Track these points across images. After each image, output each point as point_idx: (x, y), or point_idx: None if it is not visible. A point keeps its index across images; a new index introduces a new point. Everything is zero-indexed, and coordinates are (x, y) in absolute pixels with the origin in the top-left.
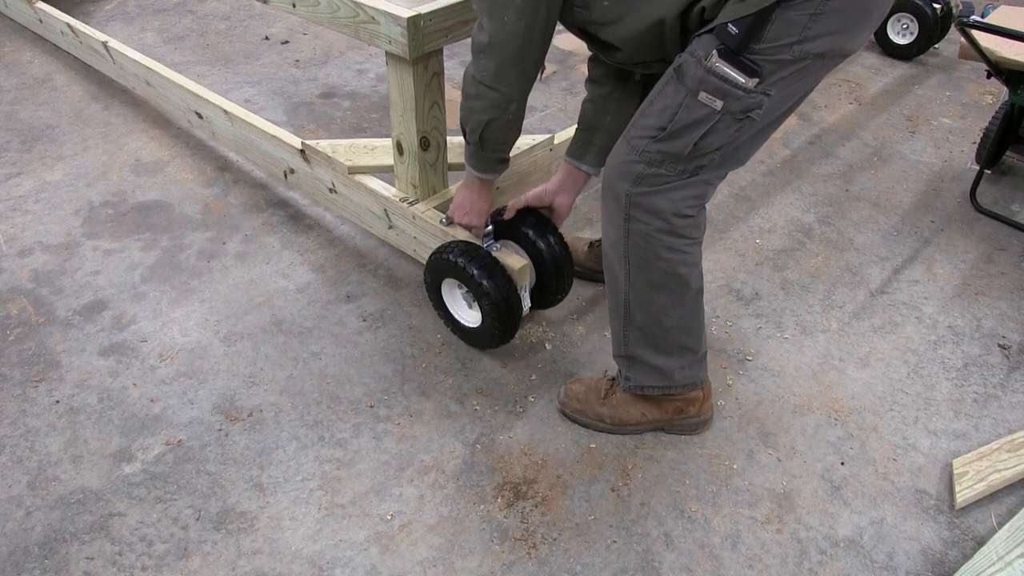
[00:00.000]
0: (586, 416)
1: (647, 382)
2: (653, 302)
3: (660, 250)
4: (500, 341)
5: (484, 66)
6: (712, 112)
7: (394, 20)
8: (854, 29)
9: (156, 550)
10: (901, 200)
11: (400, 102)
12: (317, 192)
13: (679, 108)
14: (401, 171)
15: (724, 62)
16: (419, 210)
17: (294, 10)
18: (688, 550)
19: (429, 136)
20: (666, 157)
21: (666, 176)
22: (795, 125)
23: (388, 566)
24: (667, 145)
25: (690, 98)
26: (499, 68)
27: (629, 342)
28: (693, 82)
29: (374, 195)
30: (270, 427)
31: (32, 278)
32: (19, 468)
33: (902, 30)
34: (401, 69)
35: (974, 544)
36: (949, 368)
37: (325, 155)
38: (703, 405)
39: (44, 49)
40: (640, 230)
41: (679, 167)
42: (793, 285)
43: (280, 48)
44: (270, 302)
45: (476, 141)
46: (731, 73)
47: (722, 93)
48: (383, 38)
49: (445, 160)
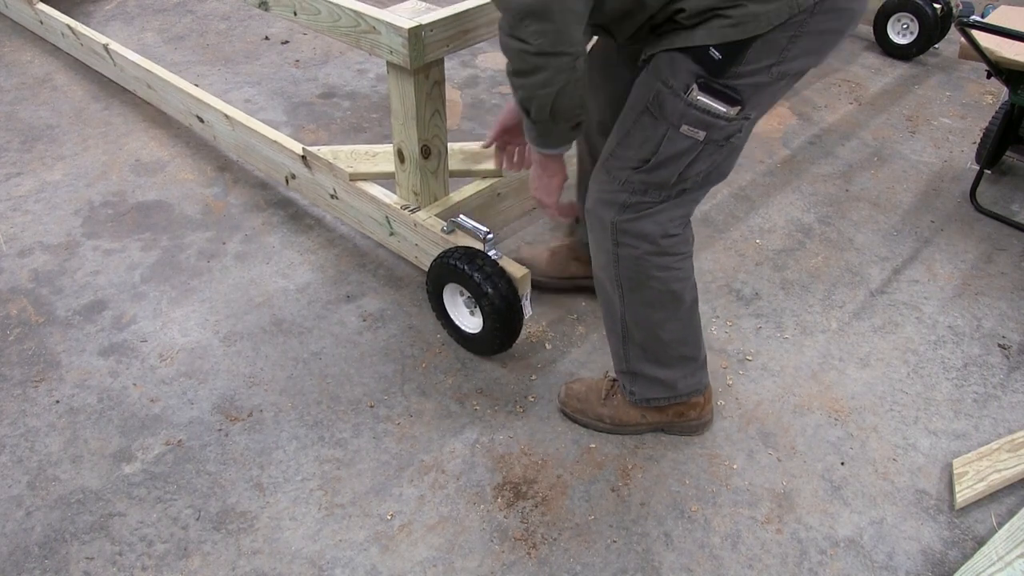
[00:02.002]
0: (586, 416)
1: (652, 395)
2: (650, 319)
3: (652, 270)
4: (501, 347)
5: (537, 32)
6: (695, 143)
7: (395, 31)
8: (826, 50)
9: (156, 550)
10: (901, 200)
11: (401, 111)
12: (318, 197)
13: (662, 140)
14: (402, 178)
15: (704, 94)
16: (420, 217)
17: (295, 18)
18: (688, 550)
19: (430, 144)
20: (650, 186)
21: (651, 202)
22: (795, 125)
23: (388, 566)
24: (651, 176)
25: (672, 131)
26: (559, 28)
27: (630, 359)
28: (674, 116)
29: (375, 202)
30: (270, 427)
31: (32, 278)
32: (19, 468)
33: (902, 30)
34: (402, 79)
35: (974, 544)
36: (949, 368)
37: (326, 161)
38: (704, 408)
39: (44, 49)
40: (629, 254)
41: (663, 193)
42: (793, 285)
43: (280, 48)
44: (270, 302)
45: (547, 118)
46: (713, 105)
47: (704, 124)
48: (384, 48)
49: (446, 167)
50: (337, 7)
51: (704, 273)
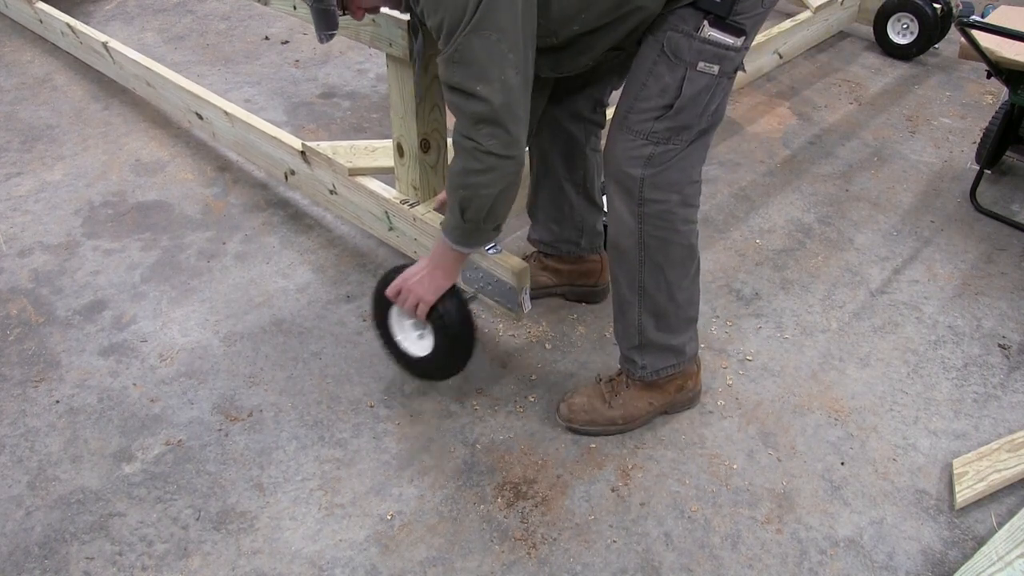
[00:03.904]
0: (597, 424)
1: (663, 364)
2: (668, 280)
3: (678, 224)
4: (452, 370)
5: (492, 135)
6: (712, 78)
7: (395, 23)
8: None
9: (156, 550)
10: (901, 200)
11: (401, 104)
12: (317, 193)
13: (682, 82)
14: (402, 173)
15: (715, 29)
16: (420, 212)
17: (295, 12)
18: (688, 550)
19: (430, 138)
20: (674, 132)
21: (675, 149)
22: (795, 125)
23: (388, 566)
24: (676, 120)
25: (690, 71)
26: (511, 132)
27: (644, 330)
28: (691, 55)
29: (375, 197)
30: (270, 427)
31: (32, 278)
32: (19, 468)
33: (902, 30)
34: (402, 71)
35: (974, 544)
36: (949, 368)
37: (326, 157)
38: (697, 377)
39: (44, 49)
40: (656, 211)
41: (685, 137)
42: (793, 285)
43: (280, 48)
44: (270, 302)
45: (480, 218)
46: (722, 38)
47: (718, 58)
48: (384, 40)
49: (445, 162)
50: None
51: (704, 273)
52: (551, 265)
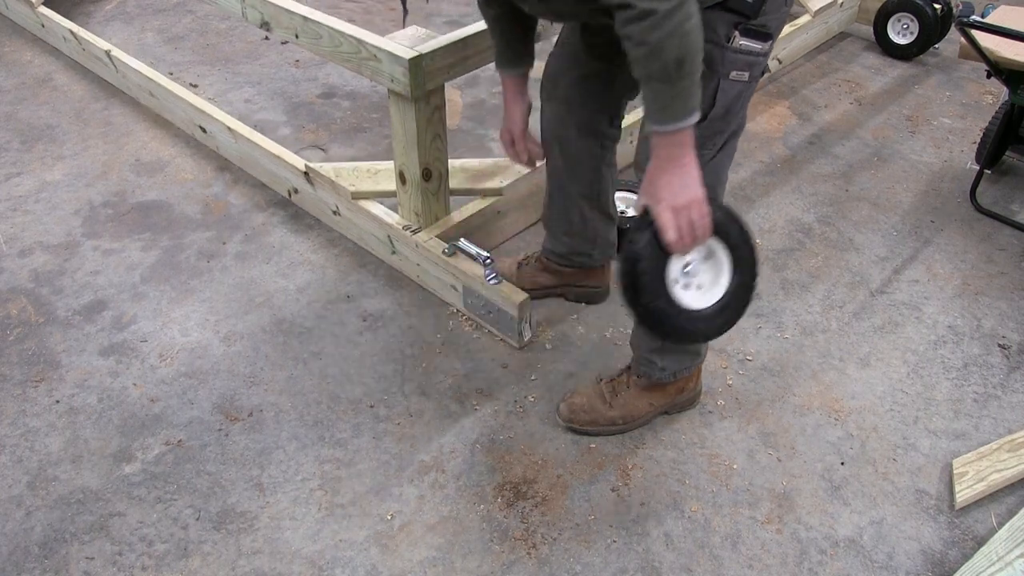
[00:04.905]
0: (598, 424)
1: (682, 366)
2: None
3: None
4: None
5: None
6: (744, 84)
7: (396, 60)
8: None
9: (156, 550)
10: (901, 200)
11: (403, 135)
12: (321, 213)
13: (716, 92)
14: (404, 199)
15: (746, 38)
16: (422, 238)
17: (297, 40)
18: (688, 550)
19: (431, 167)
20: (707, 139)
21: (708, 155)
22: (795, 125)
23: (388, 566)
24: (710, 128)
25: (723, 81)
26: None
27: None
28: (724, 66)
29: (377, 221)
30: (270, 427)
31: (32, 278)
32: (19, 468)
33: (902, 30)
34: (403, 105)
35: (974, 544)
36: (949, 368)
37: (328, 179)
38: (698, 377)
39: (44, 49)
40: None
41: (717, 141)
42: (793, 285)
43: (280, 48)
44: (270, 302)
45: (696, 64)
46: (752, 45)
47: (748, 65)
48: (385, 76)
49: (447, 189)
50: (339, 33)
51: None
52: (552, 267)
